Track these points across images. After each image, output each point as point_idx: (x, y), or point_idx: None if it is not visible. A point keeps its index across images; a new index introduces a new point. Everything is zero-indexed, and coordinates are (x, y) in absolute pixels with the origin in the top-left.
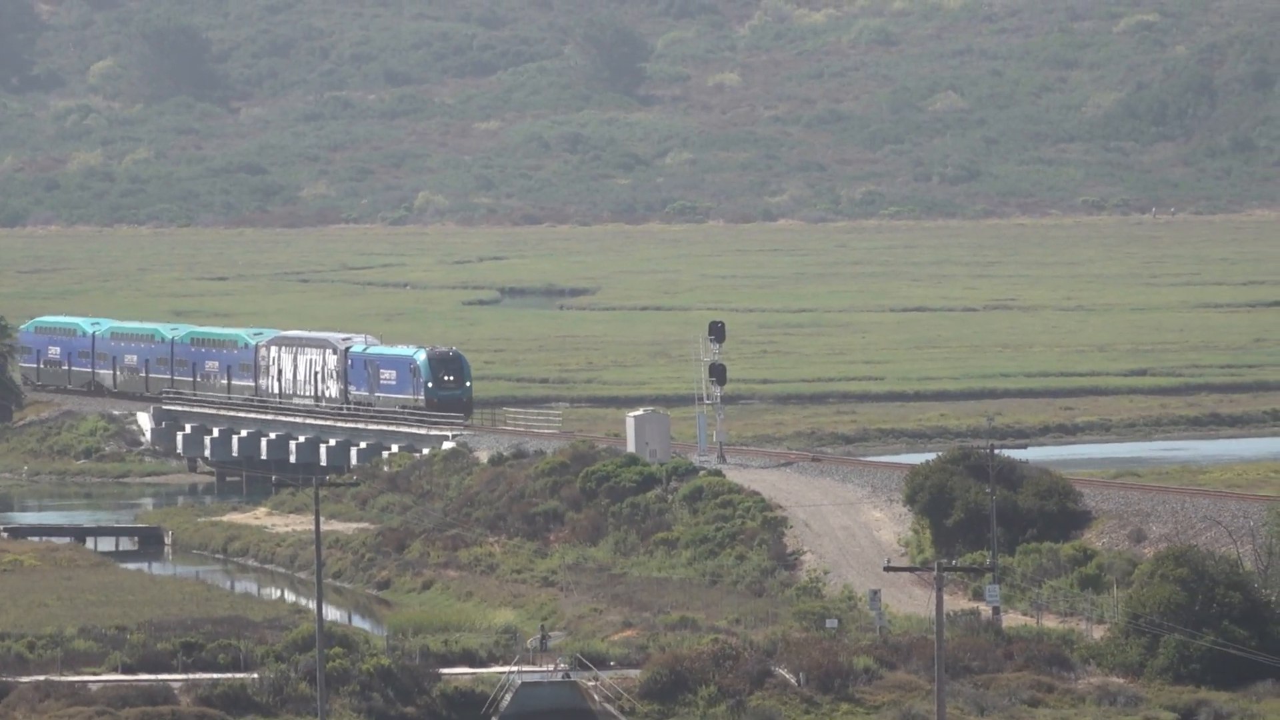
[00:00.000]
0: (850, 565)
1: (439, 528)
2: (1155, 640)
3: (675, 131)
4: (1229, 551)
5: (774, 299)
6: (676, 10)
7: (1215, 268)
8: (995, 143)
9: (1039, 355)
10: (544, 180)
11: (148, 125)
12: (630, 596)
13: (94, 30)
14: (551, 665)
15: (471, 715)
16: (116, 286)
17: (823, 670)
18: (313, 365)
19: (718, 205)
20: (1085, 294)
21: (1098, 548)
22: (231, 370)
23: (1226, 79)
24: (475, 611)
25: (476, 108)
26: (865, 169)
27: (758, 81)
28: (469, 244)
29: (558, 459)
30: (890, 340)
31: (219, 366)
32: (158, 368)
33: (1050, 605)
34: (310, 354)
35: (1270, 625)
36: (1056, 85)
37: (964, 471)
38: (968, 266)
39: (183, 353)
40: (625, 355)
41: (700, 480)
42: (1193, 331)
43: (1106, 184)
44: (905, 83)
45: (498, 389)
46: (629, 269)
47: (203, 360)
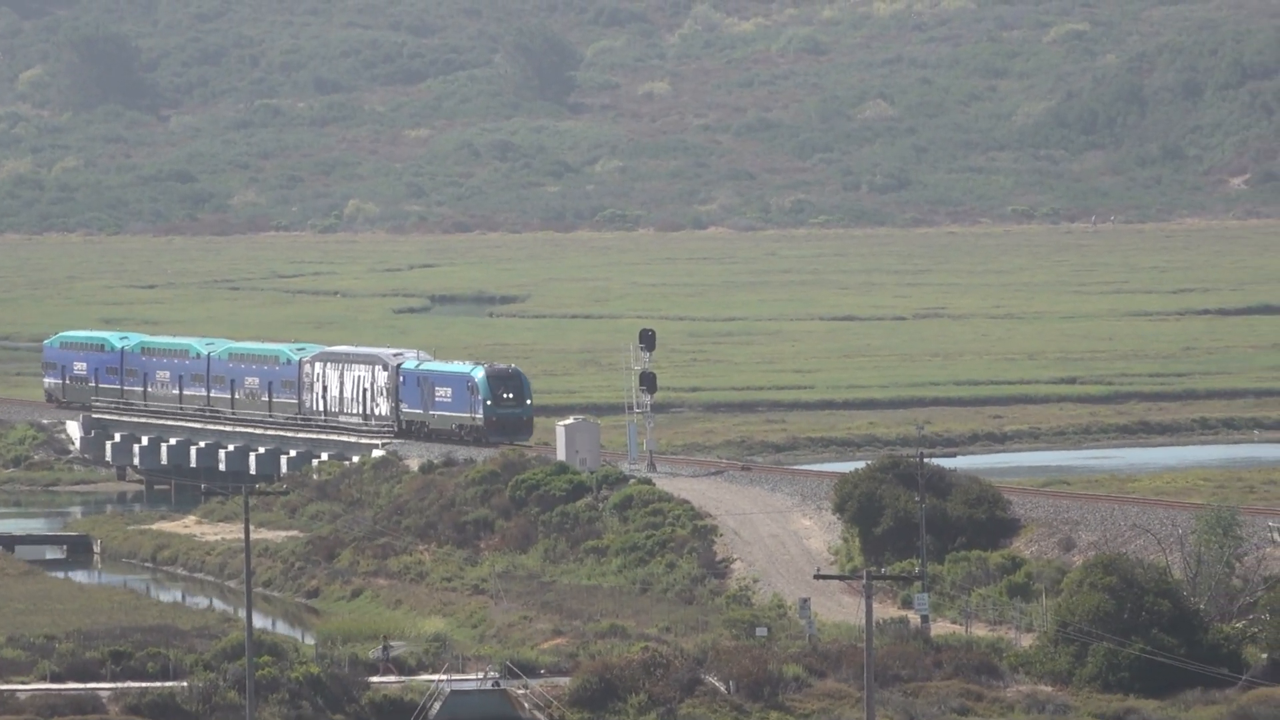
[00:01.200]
0: (780, 573)
1: (369, 536)
2: (1084, 648)
3: (605, 140)
4: (1158, 559)
5: (704, 307)
6: (606, 19)
7: (1145, 276)
8: (925, 151)
9: (968, 364)
10: (474, 188)
11: (77, 133)
12: (560, 604)
13: (23, 39)
14: (482, 674)
15: None
16: (45, 295)
17: (752, 678)
18: (361, 382)
19: (647, 213)
20: (1015, 302)
21: (1026, 556)
22: (273, 387)
23: (1156, 88)
24: (405, 620)
25: (406, 115)
26: (794, 177)
27: (687, 90)
28: (399, 252)
29: (488, 467)
30: (820, 349)
31: (259, 383)
32: (192, 384)
33: (979, 613)
34: (358, 370)
35: (1198, 633)
36: (986, 94)
37: (893, 480)
38: (897, 275)
39: (219, 369)
40: (555, 363)
41: (630, 489)
42: (1122, 340)
43: (1036, 192)
44: (834, 91)
45: None
46: (559, 277)
47: (241, 377)
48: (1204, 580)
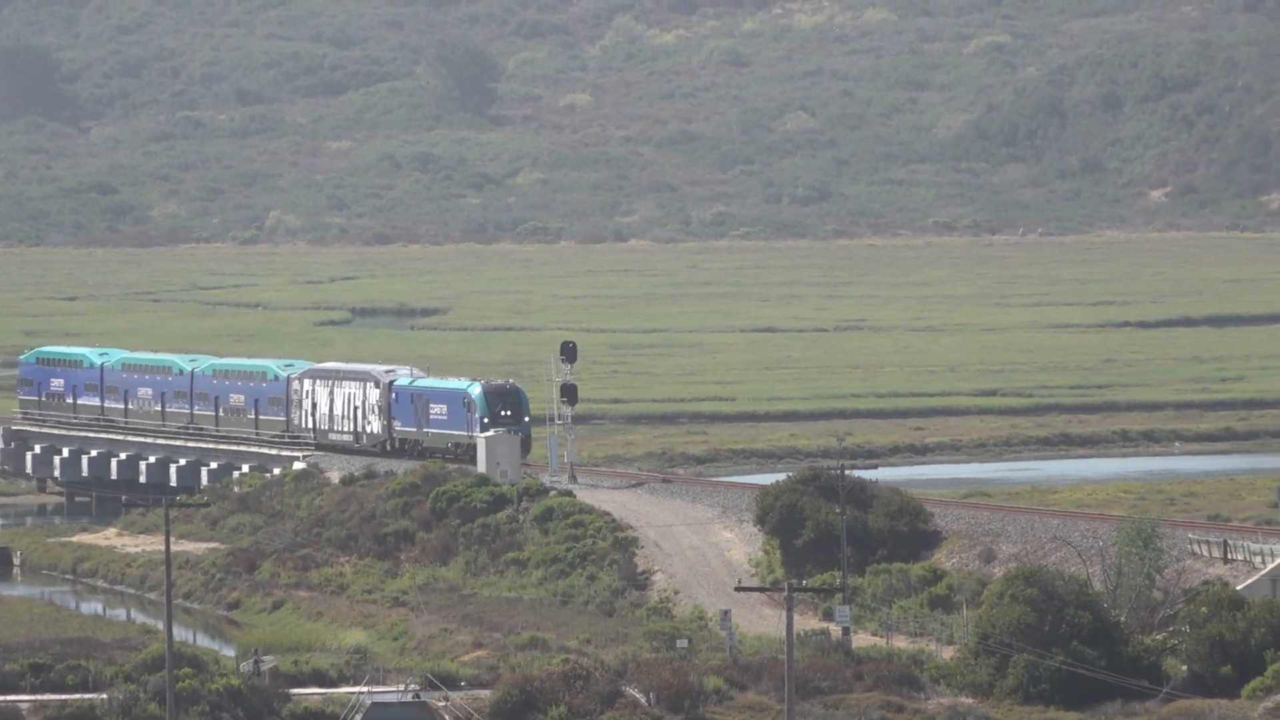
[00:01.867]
0: (701, 585)
1: (289, 548)
2: (1005, 660)
3: (526, 151)
4: (1078, 571)
5: (625, 319)
6: (527, 30)
7: (1065, 288)
8: (846, 163)
9: (889, 375)
10: (395, 200)
11: None
12: (481, 616)
13: None
14: (403, 685)
15: None
16: None
17: (673, 690)
18: (352, 399)
19: (569, 225)
20: (935, 314)
21: (947, 568)
22: (260, 404)
23: (1076, 100)
24: (326, 632)
25: (328, 127)
26: (716, 189)
27: (608, 102)
28: (320, 264)
29: (409, 479)
30: (741, 360)
31: (245, 401)
32: (175, 401)
33: (900, 625)
34: (349, 387)
35: (1119, 645)
36: (907, 106)
37: (814, 492)
38: (818, 287)
39: (204, 385)
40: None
41: (551, 500)
42: (1042, 352)
43: (957, 205)
44: (756, 103)
45: None
46: (480, 289)
47: (226, 394)
48: (1124, 592)
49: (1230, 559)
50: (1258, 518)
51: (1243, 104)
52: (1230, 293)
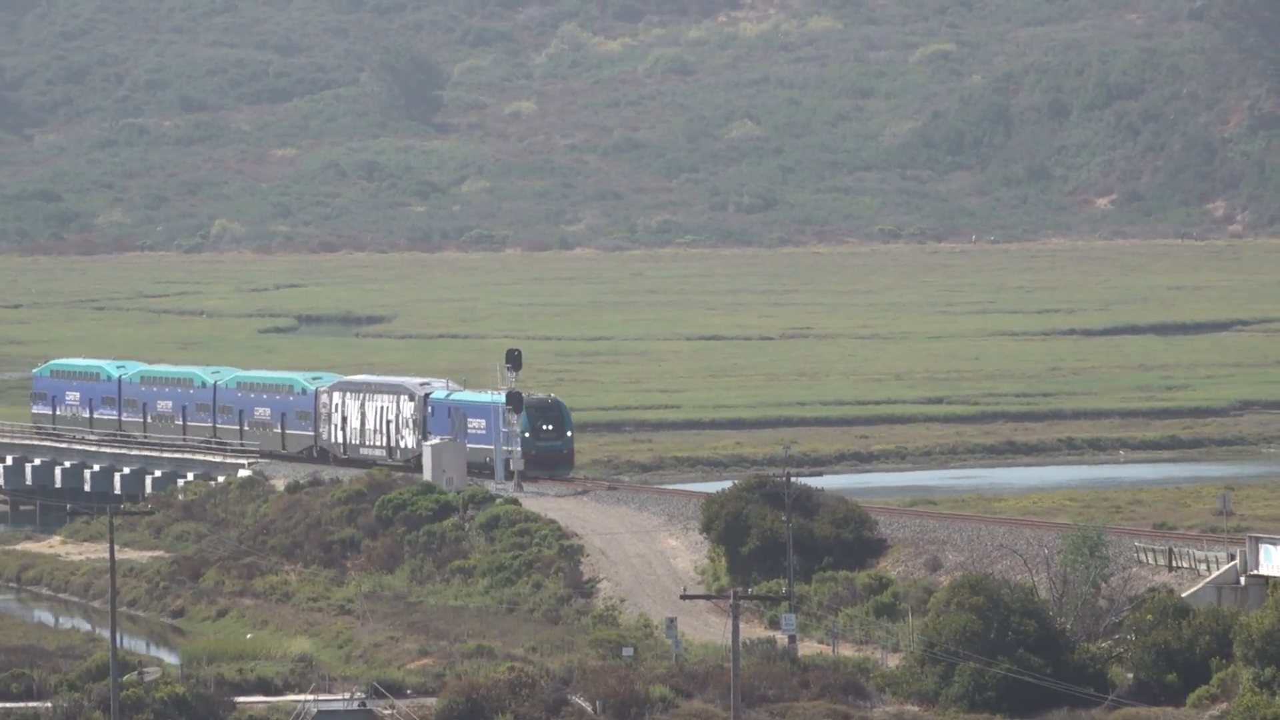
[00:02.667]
0: (646, 593)
1: (234, 556)
2: (950, 668)
3: (472, 159)
4: (1024, 580)
5: (570, 327)
6: (473, 39)
7: (1010, 296)
8: (792, 171)
9: (835, 383)
10: (341, 208)
11: None
12: (427, 624)
13: None
14: (348, 694)
15: None
16: None
17: (619, 698)
18: (384, 413)
19: (514, 233)
20: (881, 322)
21: (893, 576)
22: (286, 418)
23: (1022, 108)
24: (271, 640)
25: (273, 135)
26: (661, 197)
27: (554, 110)
28: (265, 271)
29: (354, 487)
30: (686, 369)
31: (271, 414)
32: (197, 415)
33: (846, 633)
34: (381, 400)
35: (1065, 653)
36: (853, 114)
37: (760, 499)
38: (764, 295)
39: (226, 398)
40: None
41: (497, 508)
42: (988, 360)
43: (903, 212)
44: (701, 111)
45: None
46: (426, 297)
47: (251, 407)
48: (1070, 600)
49: (1175, 567)
50: (1203, 525)
51: (1188, 112)
52: (1175, 300)
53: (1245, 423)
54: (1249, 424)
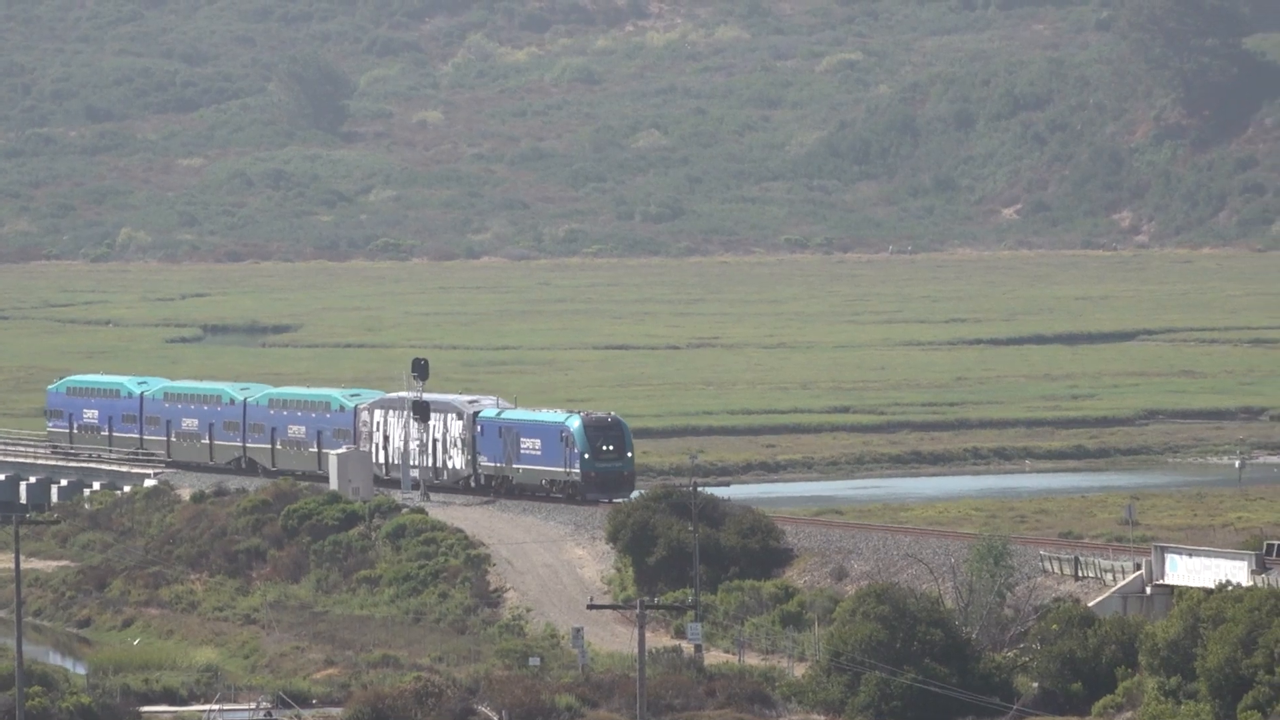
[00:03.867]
0: (553, 603)
1: (140, 565)
2: (857, 678)
3: (378, 168)
4: (930, 589)
5: (477, 336)
6: (379, 48)
7: (917, 306)
8: (698, 181)
9: (742, 393)
10: (247, 217)
11: None
12: (332, 634)
13: None
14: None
15: None
16: None
17: (525, 708)
18: (430, 431)
19: (421, 242)
20: (788, 331)
21: (800, 585)
22: (323, 436)
23: (929, 118)
24: (176, 649)
25: (179, 144)
26: (568, 207)
27: (461, 119)
28: (172, 281)
29: (260, 496)
30: (593, 378)
31: (306, 432)
32: (224, 433)
33: (752, 643)
34: (427, 419)
35: (970, 662)
36: (759, 124)
37: (666, 509)
38: (671, 304)
39: (259, 416)
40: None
41: (403, 518)
42: (894, 369)
43: (809, 222)
44: (608, 121)
45: None
46: (332, 306)
47: (285, 425)
48: (976, 610)
49: (1081, 576)
50: (1108, 535)
51: (1094, 122)
52: (1082, 310)
53: (1150, 432)
54: (1154, 433)
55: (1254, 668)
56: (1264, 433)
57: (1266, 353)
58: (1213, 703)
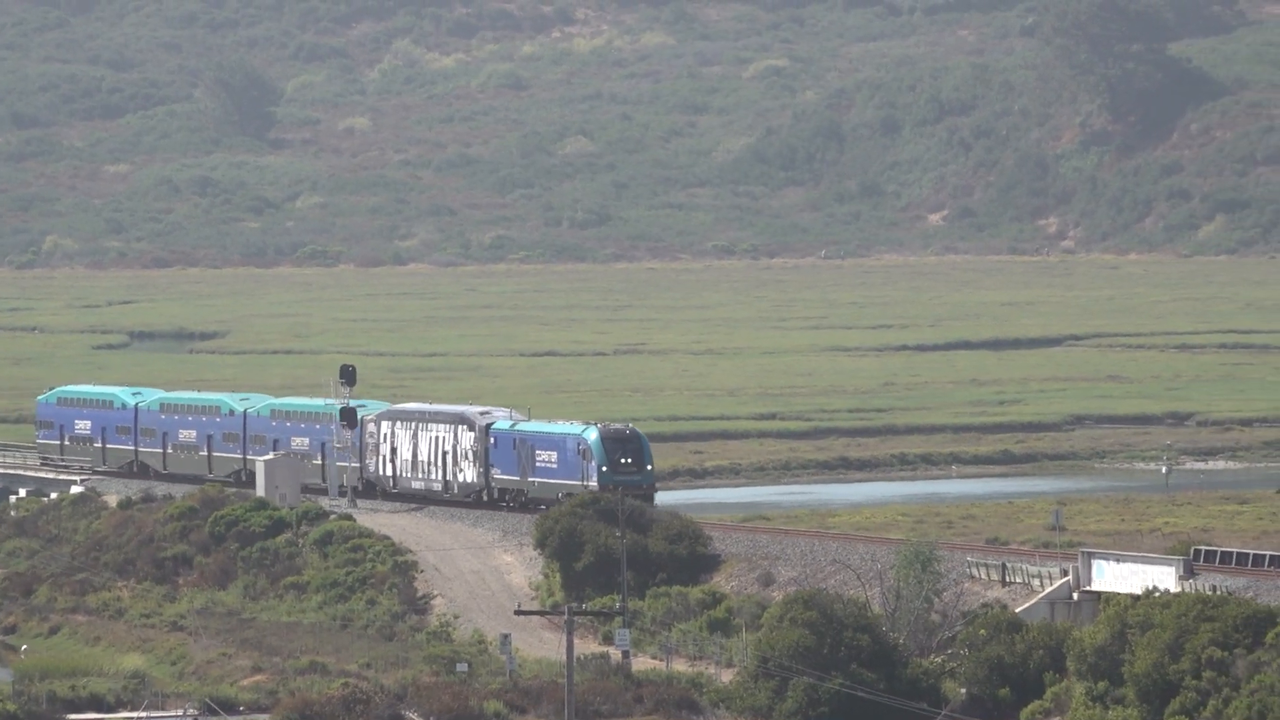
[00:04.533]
0: (481, 609)
1: (67, 572)
2: (784, 683)
3: (305, 175)
4: (857, 595)
5: (404, 343)
6: (306, 54)
7: (843, 312)
8: (625, 187)
9: (669, 399)
10: (174, 223)
11: None
12: (260, 641)
13: None
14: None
15: None
16: None
17: (453, 714)
18: (440, 444)
19: (348, 249)
20: (715, 338)
21: (727, 591)
22: (326, 448)
23: (855, 124)
24: (103, 656)
25: (106, 151)
26: (495, 213)
27: (387, 125)
28: (98, 288)
29: (187, 503)
30: (520, 384)
31: (310, 444)
32: (224, 445)
33: (680, 649)
34: (436, 430)
35: (898, 668)
36: (686, 130)
37: (594, 516)
38: (598, 310)
39: (260, 427)
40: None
41: (331, 524)
42: (821, 375)
43: (736, 228)
44: (535, 127)
45: None
46: (259, 312)
47: (288, 437)
48: (903, 615)
49: (1009, 582)
50: (1036, 541)
51: (1019, 128)
52: (1008, 316)
53: (1077, 438)
54: (1081, 439)
55: (1181, 673)
56: (1190, 438)
57: (1193, 358)
58: (1140, 708)
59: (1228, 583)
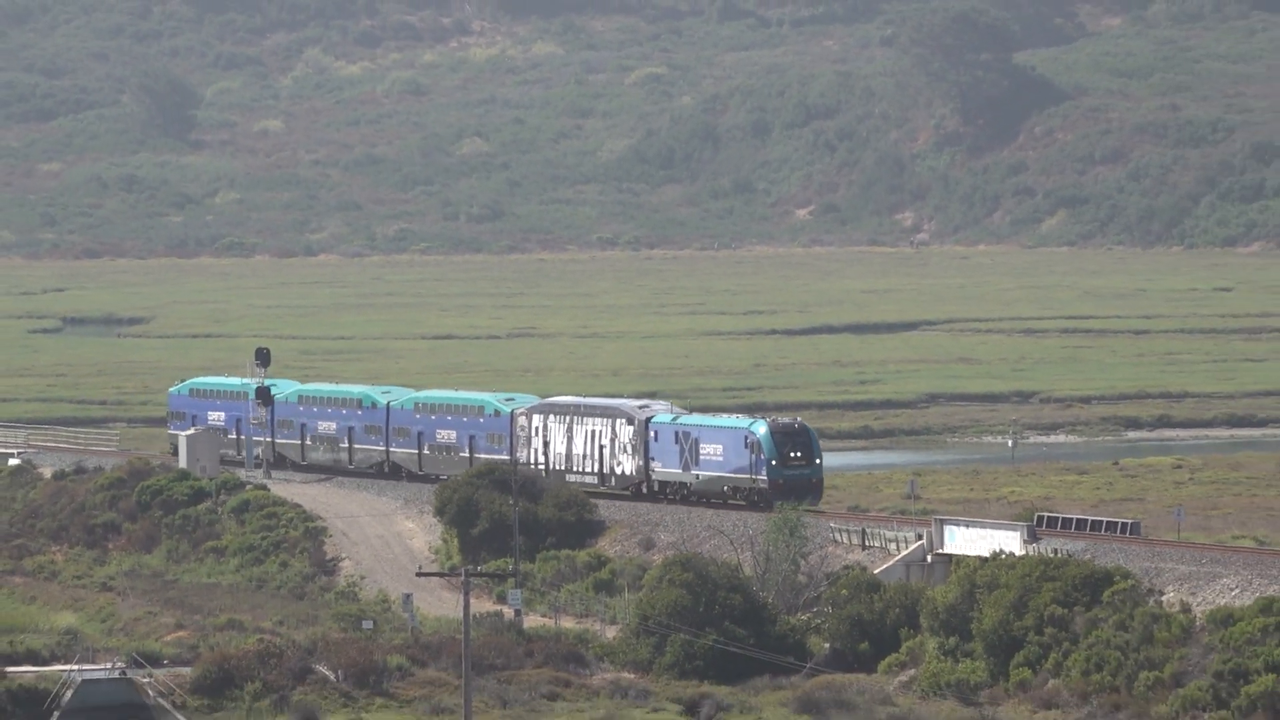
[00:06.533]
0: (385, 571)
1: (4, 538)
2: (663, 639)
3: (224, 173)
4: (730, 558)
5: (315, 327)
6: (224, 62)
7: (718, 299)
8: (518, 184)
9: (558, 379)
10: (103, 218)
11: None
12: (182, 600)
13: None
14: (110, 664)
15: (35, 710)
16: None
17: (359, 668)
18: (596, 437)
19: (263, 241)
20: (600, 323)
21: (611, 555)
22: (475, 441)
23: (728, 126)
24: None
25: (40, 151)
26: (398, 208)
27: (299, 128)
28: (33, 276)
29: (116, 474)
30: (422, 365)
31: (457, 437)
32: (365, 437)
33: (567, 607)
34: (593, 424)
35: (767, 625)
36: (573, 132)
37: (489, 485)
38: (493, 298)
39: (403, 420)
40: (178, 379)
41: (247, 494)
42: (698, 357)
43: (619, 222)
44: (435, 129)
45: (60, 410)
46: (182, 300)
47: (433, 429)
48: (772, 577)
49: (868, 546)
50: (893, 508)
51: (879, 130)
52: (868, 302)
53: (931, 414)
54: (934, 415)
55: (1025, 629)
56: (1034, 414)
57: (1037, 341)
58: (987, 661)
59: (1068, 546)
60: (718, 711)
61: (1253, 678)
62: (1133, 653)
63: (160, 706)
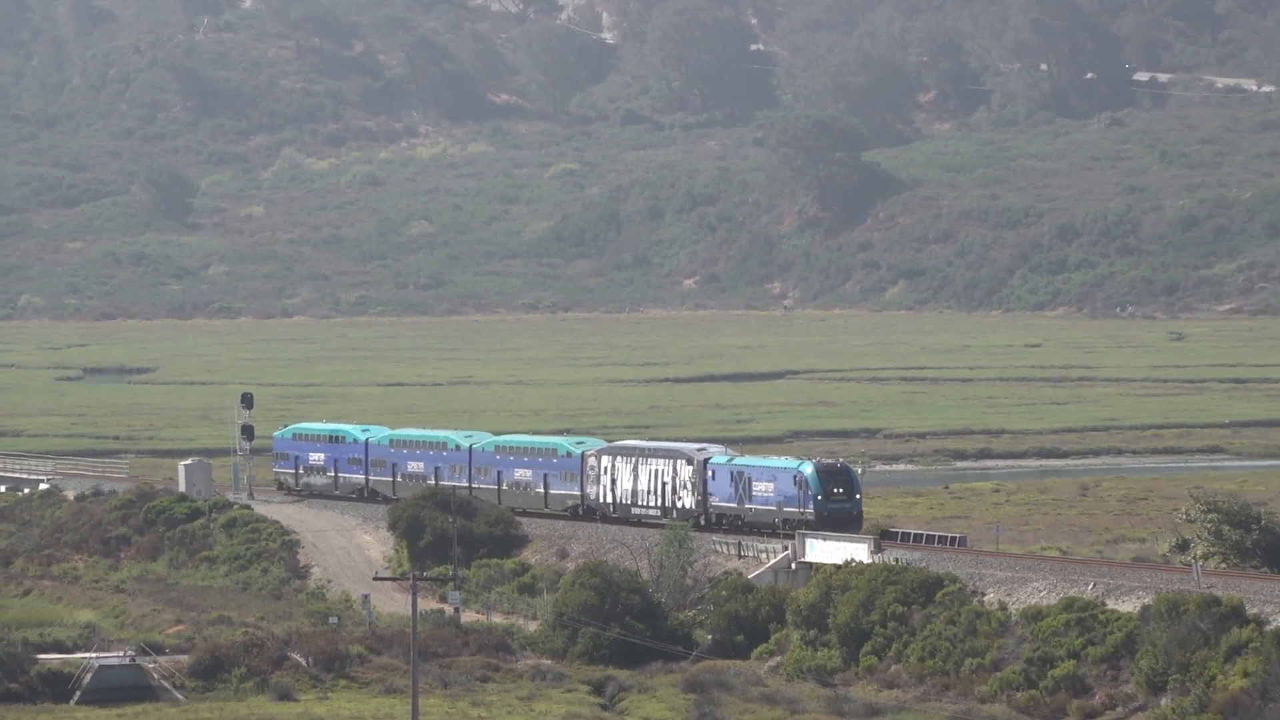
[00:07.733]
0: (347, 576)
1: (36, 549)
2: (575, 632)
3: (215, 250)
4: (631, 565)
5: (290, 376)
6: (216, 159)
7: (621, 352)
8: (457, 259)
9: (490, 419)
10: (117, 286)
11: None
12: (181, 600)
13: None
14: (122, 652)
15: (60, 690)
16: None
17: (326, 655)
18: (659, 475)
19: (248, 305)
20: (524, 372)
21: (533, 562)
22: (549, 479)
23: (630, 211)
24: (63, 612)
25: (65, 231)
26: (359, 278)
27: (278, 212)
28: (59, 335)
29: (127, 496)
30: (378, 407)
31: (533, 475)
32: (450, 475)
33: (497, 606)
34: (656, 464)
35: (661, 620)
36: (502, 215)
37: (433, 506)
38: (436, 352)
39: (484, 460)
40: (178, 418)
41: (235, 512)
42: (604, 400)
43: (540, 290)
44: (389, 214)
45: (81, 444)
46: (181, 353)
47: (511, 469)
48: (665, 580)
49: (743, 555)
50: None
51: (752, 215)
52: (744, 356)
53: (795, 448)
54: (798, 448)
55: (872, 624)
56: (879, 447)
57: (881, 388)
58: (841, 649)
59: (907, 556)
60: (620, 691)
61: (1057, 663)
62: (960, 643)
63: (163, 688)
